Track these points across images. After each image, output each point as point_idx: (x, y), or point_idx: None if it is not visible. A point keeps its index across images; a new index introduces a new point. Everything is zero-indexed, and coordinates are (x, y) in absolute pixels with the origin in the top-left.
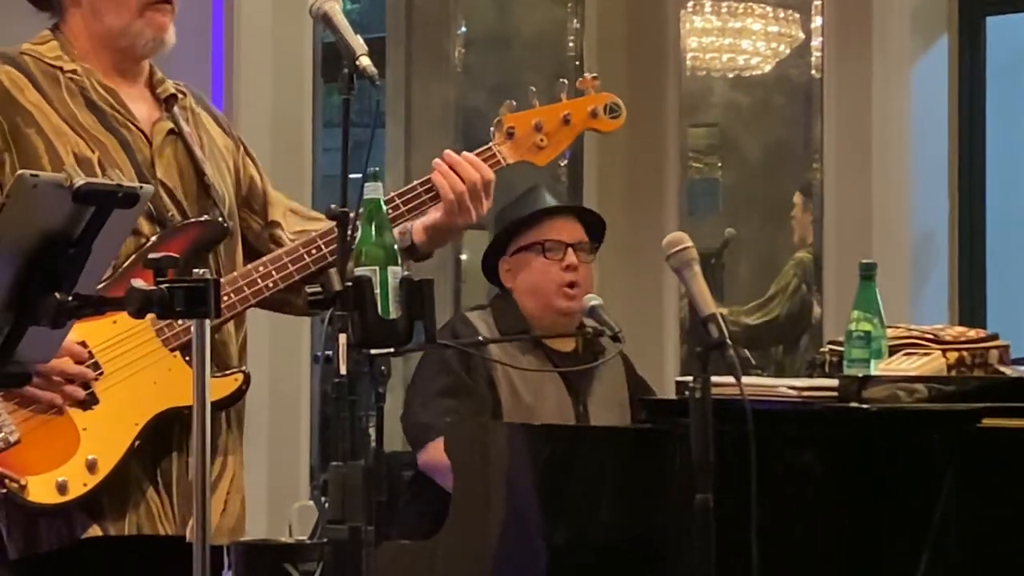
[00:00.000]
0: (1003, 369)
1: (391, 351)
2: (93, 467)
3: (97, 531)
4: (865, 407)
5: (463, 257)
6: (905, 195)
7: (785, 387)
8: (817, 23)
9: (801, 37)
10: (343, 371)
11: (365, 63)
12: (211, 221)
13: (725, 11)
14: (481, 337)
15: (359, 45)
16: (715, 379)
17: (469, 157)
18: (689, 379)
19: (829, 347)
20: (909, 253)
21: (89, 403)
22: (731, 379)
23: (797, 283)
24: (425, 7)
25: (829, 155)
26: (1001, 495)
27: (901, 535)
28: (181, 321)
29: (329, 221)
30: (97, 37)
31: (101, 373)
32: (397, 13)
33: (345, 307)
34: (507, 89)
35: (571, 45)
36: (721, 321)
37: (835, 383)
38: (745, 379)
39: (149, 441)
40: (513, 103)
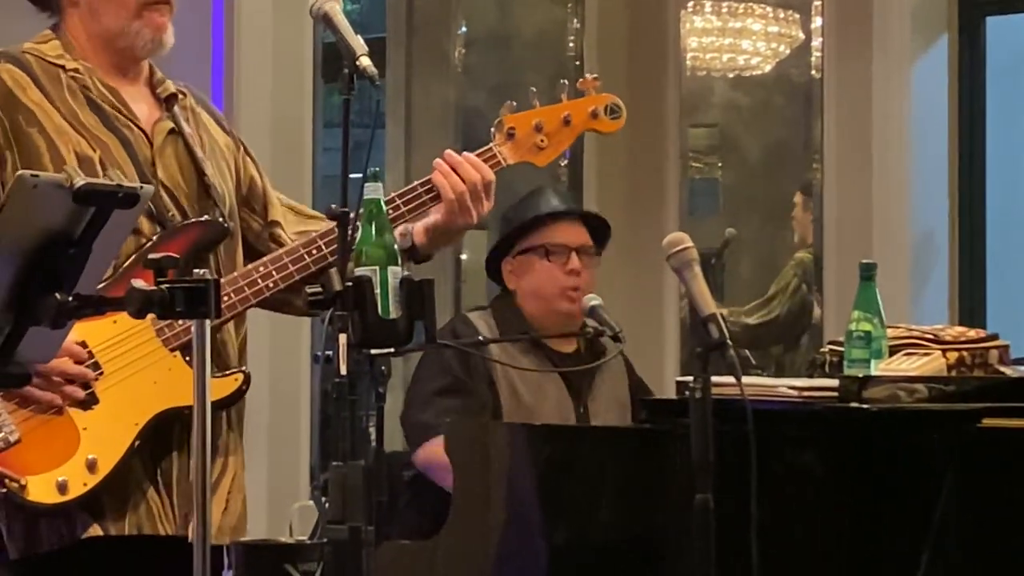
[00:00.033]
0: (1003, 369)
1: (391, 351)
2: (93, 467)
3: (97, 531)
4: (865, 407)
5: (463, 257)
6: (905, 195)
7: (785, 387)
8: (817, 23)
9: (801, 37)
10: (343, 371)
11: (365, 63)
12: (212, 221)
13: (725, 11)
14: (481, 337)
15: (359, 45)
16: (715, 379)
17: (469, 157)
18: (689, 379)
19: (829, 347)
20: (909, 253)
21: (89, 403)
22: (731, 379)
23: (797, 283)
24: (425, 7)
25: (829, 155)
26: (1001, 495)
27: (901, 535)
28: (181, 321)
29: (329, 221)
30: (96, 37)
31: (101, 373)
32: (397, 13)
33: (345, 307)
34: (507, 89)
35: (571, 45)
36: (721, 321)
37: (835, 383)
38: (745, 379)
39: (149, 441)
40: (514, 104)
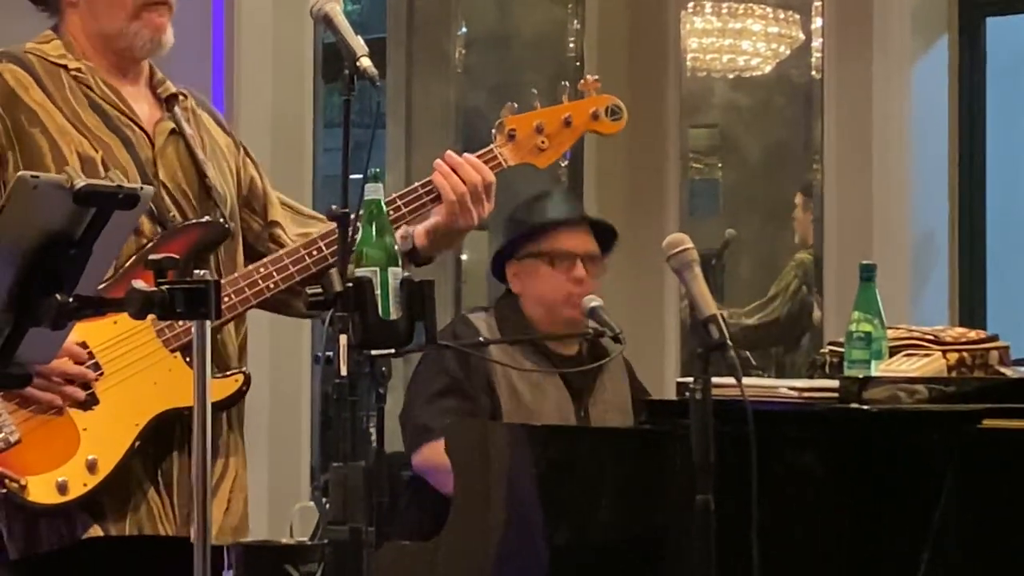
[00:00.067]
0: (1003, 370)
1: (392, 352)
2: (93, 467)
3: (98, 531)
4: (866, 408)
5: (464, 258)
6: (905, 195)
7: (786, 388)
8: (817, 24)
9: (801, 38)
10: (344, 372)
11: (366, 64)
12: (212, 222)
13: (725, 12)
14: (482, 338)
15: (360, 46)
16: (716, 380)
17: (470, 159)
18: (690, 380)
19: (830, 348)
20: (909, 253)
21: (89, 403)
22: (732, 380)
23: (798, 284)
24: (425, 8)
25: (829, 155)
26: (1001, 495)
27: (901, 535)
28: (181, 322)
29: (329, 222)
30: (95, 37)
31: (101, 373)
32: (398, 14)
33: (346, 308)
34: (507, 90)
35: (571, 46)
36: (722, 322)
37: (836, 384)
38: (746, 380)
39: (150, 441)
40: (515, 105)
